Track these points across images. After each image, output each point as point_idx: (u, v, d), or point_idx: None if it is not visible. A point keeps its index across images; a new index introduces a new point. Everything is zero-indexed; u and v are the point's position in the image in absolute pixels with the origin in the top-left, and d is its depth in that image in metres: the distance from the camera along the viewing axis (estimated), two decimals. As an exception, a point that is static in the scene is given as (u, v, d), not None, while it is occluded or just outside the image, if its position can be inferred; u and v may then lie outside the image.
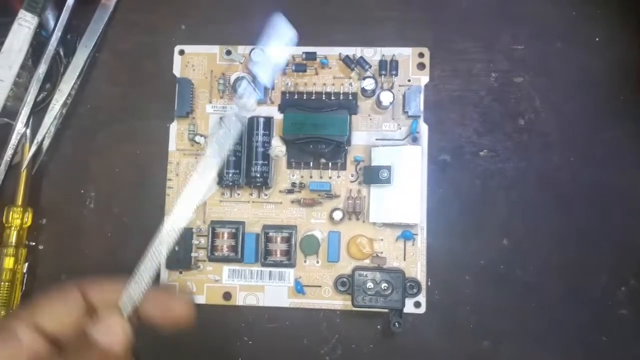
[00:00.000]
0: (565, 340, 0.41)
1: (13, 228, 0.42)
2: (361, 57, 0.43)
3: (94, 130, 0.45)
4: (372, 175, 0.41)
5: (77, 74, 0.44)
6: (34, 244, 0.44)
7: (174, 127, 0.44)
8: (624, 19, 0.43)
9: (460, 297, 0.42)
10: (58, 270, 0.44)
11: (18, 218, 0.42)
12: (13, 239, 0.42)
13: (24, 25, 0.43)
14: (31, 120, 0.44)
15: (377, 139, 0.43)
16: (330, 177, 0.43)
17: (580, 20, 0.44)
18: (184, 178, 0.44)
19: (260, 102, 0.44)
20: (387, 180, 0.41)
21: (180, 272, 0.43)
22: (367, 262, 0.42)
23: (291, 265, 0.42)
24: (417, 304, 0.42)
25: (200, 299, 0.43)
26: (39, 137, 0.44)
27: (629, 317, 0.41)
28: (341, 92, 0.43)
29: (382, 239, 0.43)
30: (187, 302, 0.33)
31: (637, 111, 0.42)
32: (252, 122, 0.43)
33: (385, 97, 0.42)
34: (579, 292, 0.42)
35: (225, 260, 0.43)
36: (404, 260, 0.42)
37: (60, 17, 0.44)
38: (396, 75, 0.43)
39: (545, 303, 0.42)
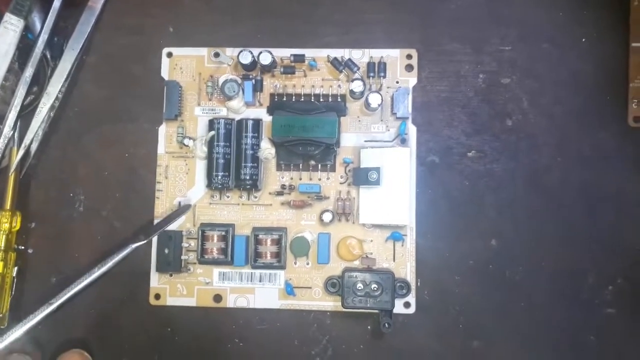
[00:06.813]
0: (554, 339, 0.42)
1: (2, 232, 0.42)
2: (349, 59, 0.43)
3: (82, 133, 0.45)
4: (362, 176, 0.41)
5: (65, 76, 0.44)
6: (23, 247, 0.44)
7: (162, 130, 0.44)
8: (610, 20, 0.43)
9: (449, 298, 0.42)
10: (48, 274, 0.44)
11: (6, 222, 0.42)
12: (2, 243, 0.42)
13: (10, 29, 0.42)
14: (19, 123, 0.44)
15: (366, 141, 0.43)
16: (319, 179, 0.43)
17: (567, 22, 0.44)
18: (172, 180, 0.44)
19: (248, 104, 0.44)
20: (377, 182, 0.41)
21: (171, 275, 0.43)
22: (357, 263, 0.43)
23: (281, 267, 0.42)
24: (407, 305, 0.42)
25: (191, 302, 0.43)
26: (26, 141, 0.44)
27: (617, 316, 0.42)
28: (330, 94, 0.43)
29: (371, 240, 0.43)
30: None
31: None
32: (240, 125, 0.43)
33: (374, 99, 0.42)
34: (567, 292, 0.42)
35: (216, 262, 0.43)
36: (394, 261, 0.42)
37: (47, 20, 0.44)
38: (384, 77, 0.43)
39: (534, 303, 0.42)
